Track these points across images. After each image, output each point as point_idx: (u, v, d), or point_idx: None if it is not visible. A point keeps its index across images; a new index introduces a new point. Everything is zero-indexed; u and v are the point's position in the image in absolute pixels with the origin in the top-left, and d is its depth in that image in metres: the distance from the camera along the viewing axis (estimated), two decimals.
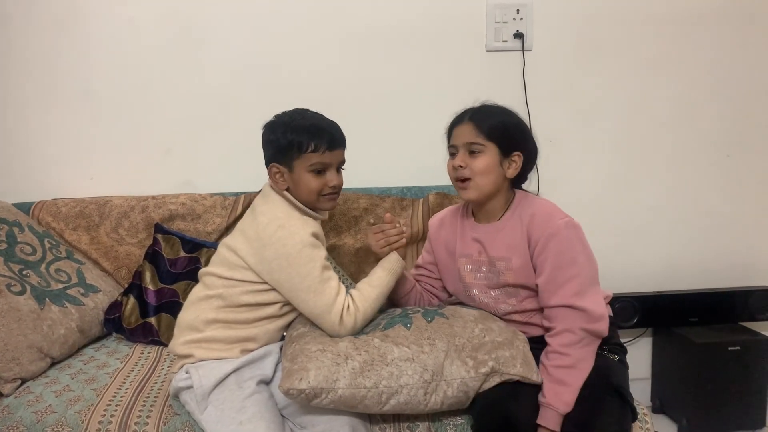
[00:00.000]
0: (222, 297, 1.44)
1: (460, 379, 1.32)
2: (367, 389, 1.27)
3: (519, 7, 2.20)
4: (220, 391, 1.36)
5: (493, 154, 1.43)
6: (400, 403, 1.29)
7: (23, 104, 2.11)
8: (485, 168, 1.43)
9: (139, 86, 2.14)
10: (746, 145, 2.38)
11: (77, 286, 1.81)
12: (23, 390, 1.49)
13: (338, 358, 1.30)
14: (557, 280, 1.38)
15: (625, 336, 2.35)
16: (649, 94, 2.31)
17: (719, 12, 2.29)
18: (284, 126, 1.46)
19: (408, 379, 1.29)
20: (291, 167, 1.46)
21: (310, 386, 1.25)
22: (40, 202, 2.03)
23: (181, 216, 2.01)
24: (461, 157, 1.44)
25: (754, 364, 2.19)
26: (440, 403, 1.31)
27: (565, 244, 1.39)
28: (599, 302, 1.39)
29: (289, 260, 1.39)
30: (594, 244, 2.26)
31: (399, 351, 1.33)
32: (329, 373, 1.27)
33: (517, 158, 1.45)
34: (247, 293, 1.44)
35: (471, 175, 1.43)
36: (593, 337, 1.37)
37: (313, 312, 1.39)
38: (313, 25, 2.16)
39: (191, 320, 1.45)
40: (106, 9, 2.09)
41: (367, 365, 1.30)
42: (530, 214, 1.44)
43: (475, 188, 1.44)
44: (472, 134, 1.44)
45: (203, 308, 1.45)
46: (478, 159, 1.43)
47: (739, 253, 2.43)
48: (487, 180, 1.44)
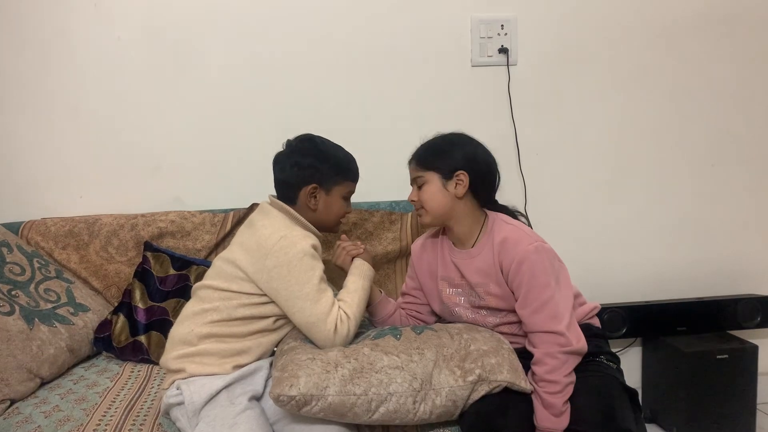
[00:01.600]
0: (218, 310, 1.45)
1: (449, 387, 1.32)
2: (357, 396, 1.28)
3: (503, 22, 2.24)
4: (212, 407, 1.35)
5: (435, 180, 1.52)
6: (389, 411, 1.30)
7: (11, 123, 2.11)
8: (430, 195, 1.52)
9: (127, 104, 2.15)
10: (731, 155, 2.41)
11: (67, 306, 1.81)
12: (12, 411, 1.49)
13: (328, 365, 1.31)
14: (532, 305, 1.41)
15: (615, 346, 2.37)
16: (634, 105, 2.35)
17: (702, 24, 2.33)
18: (330, 154, 1.58)
19: (397, 387, 1.30)
20: (330, 191, 1.57)
21: (300, 393, 1.26)
22: (29, 221, 2.02)
23: (171, 233, 2.01)
24: (413, 192, 1.56)
25: (743, 372, 2.21)
26: (429, 413, 1.32)
27: (536, 269, 1.41)
28: (573, 324, 1.41)
29: (289, 268, 1.41)
30: (581, 254, 2.32)
31: (388, 359, 1.34)
32: (319, 380, 1.28)
33: (463, 176, 1.50)
34: (244, 306, 1.45)
35: (422, 205, 1.53)
36: (575, 356, 1.39)
37: (308, 321, 1.40)
38: (301, 44, 2.18)
39: (185, 334, 1.46)
40: (94, 28, 2.10)
41: (357, 372, 1.30)
42: (501, 239, 1.47)
43: (426, 214, 1.54)
44: (415, 170, 1.56)
45: (197, 322, 1.46)
46: (423, 189, 1.53)
47: (725, 261, 2.45)
48: (435, 204, 1.51)
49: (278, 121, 2.19)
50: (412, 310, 1.69)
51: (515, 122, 2.27)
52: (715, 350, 2.20)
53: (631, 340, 2.41)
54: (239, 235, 1.58)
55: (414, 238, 1.80)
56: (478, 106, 2.28)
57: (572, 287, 1.49)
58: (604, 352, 1.50)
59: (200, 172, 2.20)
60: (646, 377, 2.43)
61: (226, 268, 1.49)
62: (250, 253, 1.47)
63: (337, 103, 2.21)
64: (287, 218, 1.53)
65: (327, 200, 1.57)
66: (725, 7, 2.33)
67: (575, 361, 1.38)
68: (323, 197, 1.56)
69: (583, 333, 1.42)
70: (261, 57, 2.17)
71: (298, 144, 1.59)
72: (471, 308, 1.55)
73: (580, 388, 1.38)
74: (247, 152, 2.19)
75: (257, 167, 2.18)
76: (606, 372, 1.45)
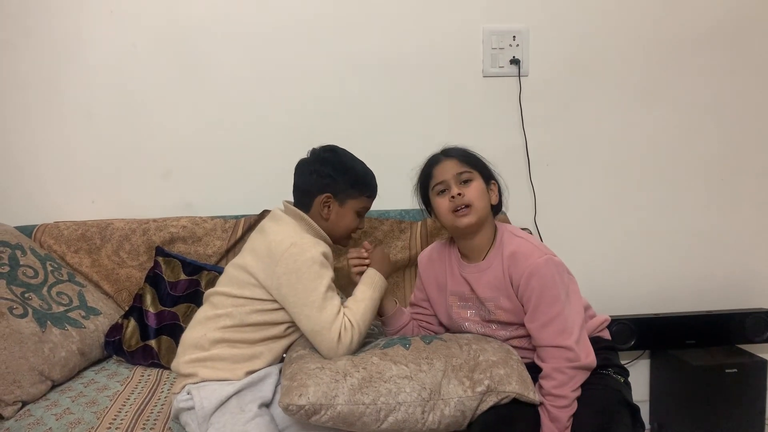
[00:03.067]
0: (231, 315, 1.46)
1: (457, 398, 1.32)
2: (366, 405, 1.28)
3: (515, 33, 2.25)
4: (222, 413, 1.36)
5: (480, 181, 1.50)
6: (398, 421, 1.30)
7: (26, 128, 2.14)
8: (479, 192, 1.48)
9: (140, 110, 2.17)
10: (740, 169, 2.41)
11: (78, 309, 1.82)
12: (24, 413, 1.50)
13: (337, 375, 1.31)
14: (541, 319, 1.41)
15: (623, 358, 2.34)
16: (644, 118, 2.35)
17: (712, 37, 2.34)
18: (348, 166, 1.59)
19: (406, 397, 1.30)
20: (344, 203, 1.57)
21: (309, 402, 1.26)
22: (42, 225, 2.04)
23: (182, 239, 2.03)
24: (455, 186, 1.48)
25: (751, 386, 2.20)
26: (437, 423, 1.32)
27: (546, 282, 1.41)
28: (583, 339, 1.40)
29: (298, 275, 1.42)
30: (590, 266, 2.31)
31: (397, 369, 1.34)
32: (328, 389, 1.28)
33: (494, 186, 1.53)
34: (256, 312, 1.47)
35: (470, 201, 1.46)
36: (584, 371, 1.38)
37: (313, 329, 1.41)
38: (313, 51, 2.19)
39: (197, 338, 1.47)
40: (110, 35, 2.13)
41: (366, 382, 1.31)
42: (510, 252, 1.46)
43: (474, 213, 1.46)
44: (459, 166, 1.50)
45: (210, 327, 1.47)
46: (472, 185, 1.48)
47: (735, 275, 2.45)
48: (483, 204, 1.48)
49: (290, 129, 2.20)
50: (422, 321, 1.69)
51: (526, 133, 2.28)
52: (724, 364, 2.19)
53: (639, 353, 2.40)
54: (251, 241, 1.59)
55: (423, 247, 1.80)
56: (489, 117, 2.29)
57: (582, 300, 1.49)
58: (612, 365, 1.49)
59: (212, 178, 2.21)
60: (654, 390, 2.42)
61: (238, 275, 1.51)
62: (261, 259, 1.48)
63: (349, 111, 2.22)
64: (299, 225, 1.54)
65: (339, 212, 1.57)
66: (736, 22, 2.34)
67: (584, 376, 1.38)
68: (336, 208, 1.57)
69: (592, 345, 1.42)
70: (273, 65, 2.19)
71: (321, 153, 1.60)
72: (481, 322, 1.54)
73: (581, 400, 1.37)
74: (259, 159, 2.21)
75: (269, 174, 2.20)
76: (610, 385, 1.43)
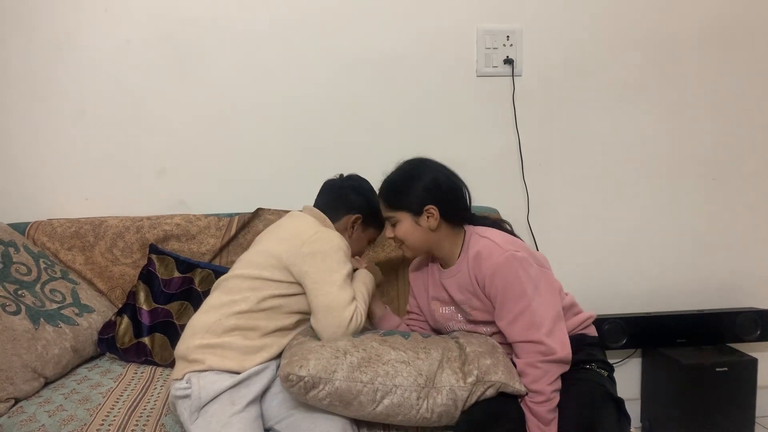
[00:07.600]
0: (247, 300, 1.48)
1: (449, 386, 1.35)
2: (363, 384, 1.32)
3: (509, 33, 2.26)
4: (213, 404, 1.38)
5: (407, 219, 1.53)
6: (394, 405, 1.32)
7: (19, 126, 2.13)
8: (404, 234, 1.54)
9: (134, 107, 2.17)
10: (732, 169, 2.43)
11: (72, 306, 1.82)
12: (16, 410, 1.50)
13: (337, 352, 1.36)
14: (508, 317, 1.42)
15: (614, 357, 2.38)
16: (637, 118, 2.36)
17: (705, 38, 2.35)
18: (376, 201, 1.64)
19: (403, 380, 1.33)
20: (366, 230, 1.70)
21: (310, 374, 1.30)
22: (36, 222, 2.04)
23: (176, 236, 2.03)
24: (388, 229, 1.58)
25: (742, 385, 2.22)
26: (431, 411, 1.33)
27: (508, 280, 1.42)
28: (557, 331, 1.40)
29: (324, 256, 1.49)
30: (582, 265, 2.33)
31: (396, 354, 1.39)
32: (328, 364, 1.33)
33: (432, 210, 1.51)
34: (272, 297, 1.49)
35: (401, 240, 1.55)
36: (559, 365, 1.38)
37: (330, 304, 1.45)
38: (306, 50, 2.20)
39: (211, 323, 1.47)
40: (103, 32, 2.12)
41: (365, 361, 1.35)
42: (474, 254, 1.49)
43: (409, 248, 1.56)
44: (385, 210, 1.57)
45: (225, 313, 1.48)
46: (397, 228, 1.55)
47: (725, 274, 2.47)
48: (413, 240, 1.54)
49: (284, 127, 2.21)
50: (417, 327, 1.71)
51: (519, 132, 2.29)
52: (715, 363, 2.21)
53: (630, 351, 2.42)
54: (265, 239, 1.63)
55: None
56: (482, 116, 2.30)
57: (557, 293, 1.49)
58: (595, 360, 1.50)
59: (205, 176, 2.22)
60: (645, 389, 2.44)
61: (256, 259, 1.54)
62: (285, 241, 1.54)
63: (342, 110, 2.23)
64: (321, 224, 1.60)
65: (359, 236, 1.68)
66: (727, 22, 2.36)
67: (559, 369, 1.38)
68: (359, 231, 1.67)
69: (576, 343, 1.43)
70: (267, 63, 2.19)
71: (359, 179, 1.71)
72: (466, 322, 1.57)
73: (564, 396, 1.38)
74: (253, 157, 2.21)
75: (262, 172, 2.21)
76: (593, 380, 1.44)
